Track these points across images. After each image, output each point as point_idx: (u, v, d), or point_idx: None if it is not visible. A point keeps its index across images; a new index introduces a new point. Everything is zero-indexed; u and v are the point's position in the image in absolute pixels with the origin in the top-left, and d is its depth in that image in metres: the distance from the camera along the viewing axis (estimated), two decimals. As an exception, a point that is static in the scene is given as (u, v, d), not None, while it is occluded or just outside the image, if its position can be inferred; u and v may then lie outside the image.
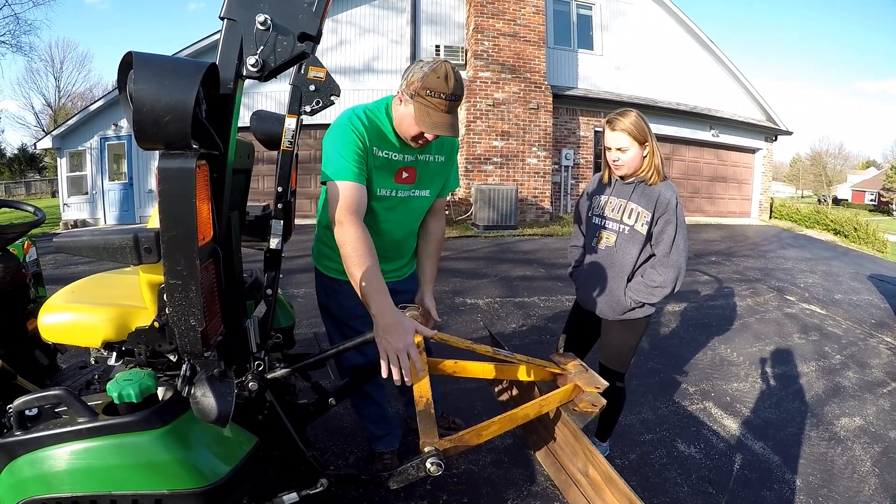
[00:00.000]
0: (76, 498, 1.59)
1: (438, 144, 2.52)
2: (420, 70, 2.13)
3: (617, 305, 2.84)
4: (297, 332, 2.84)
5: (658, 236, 2.71)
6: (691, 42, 16.50)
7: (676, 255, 2.69)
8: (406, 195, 2.50)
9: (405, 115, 2.21)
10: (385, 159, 2.35)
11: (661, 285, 2.71)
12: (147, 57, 1.28)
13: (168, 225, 1.32)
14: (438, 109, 2.11)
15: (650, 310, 2.87)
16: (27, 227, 2.70)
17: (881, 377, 4.97)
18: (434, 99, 2.09)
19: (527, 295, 6.91)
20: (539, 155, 13.50)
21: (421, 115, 2.13)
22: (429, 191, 2.58)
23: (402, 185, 2.46)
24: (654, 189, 2.71)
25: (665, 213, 2.66)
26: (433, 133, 2.17)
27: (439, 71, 2.08)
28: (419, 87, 2.10)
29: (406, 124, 2.23)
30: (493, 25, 12.93)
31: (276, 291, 2.20)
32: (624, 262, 2.80)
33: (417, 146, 2.34)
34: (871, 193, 60.22)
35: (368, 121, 2.30)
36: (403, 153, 2.39)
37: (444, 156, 2.57)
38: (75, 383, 2.53)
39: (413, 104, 2.15)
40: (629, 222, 2.76)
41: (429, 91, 2.08)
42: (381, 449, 3.05)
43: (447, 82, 2.08)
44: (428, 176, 2.54)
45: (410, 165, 2.44)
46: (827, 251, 13.09)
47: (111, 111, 14.69)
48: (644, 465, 3.29)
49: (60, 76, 42.69)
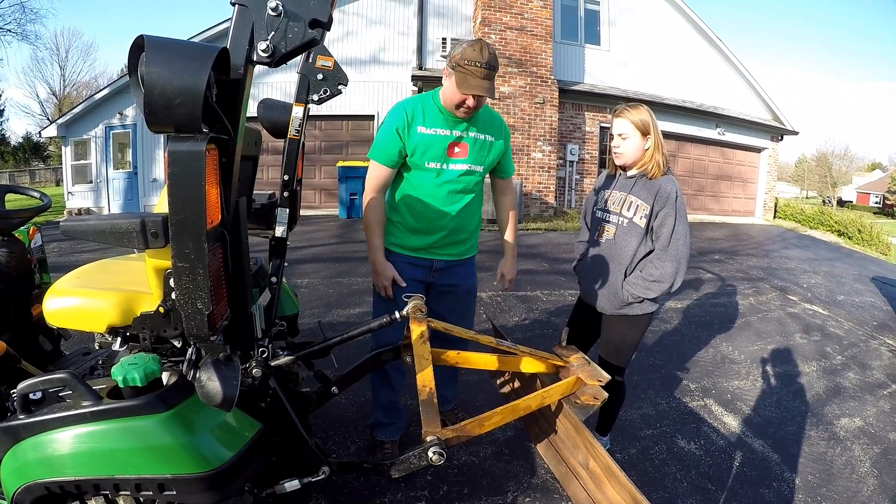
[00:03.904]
0: (79, 481, 1.60)
1: (487, 123, 2.87)
2: (459, 46, 2.54)
3: (615, 299, 2.84)
4: (301, 321, 2.85)
5: (658, 230, 2.71)
6: (698, 39, 16.41)
7: (676, 248, 2.68)
8: (458, 169, 2.80)
9: (448, 87, 2.62)
10: (432, 136, 2.70)
11: (659, 279, 2.70)
12: (159, 40, 1.28)
13: (177, 208, 1.32)
14: (476, 76, 2.49)
15: (651, 307, 2.85)
16: (33, 212, 2.70)
17: (882, 379, 4.96)
18: (471, 67, 2.47)
19: (530, 289, 6.93)
20: (544, 149, 13.46)
21: (461, 81, 2.50)
22: (482, 166, 2.88)
23: (454, 159, 2.78)
24: (655, 182, 2.72)
25: (665, 207, 2.67)
26: (472, 93, 2.51)
27: (475, 45, 2.50)
28: (459, 58, 2.50)
29: (450, 94, 2.62)
30: (500, 19, 12.86)
31: (280, 279, 2.21)
32: (622, 255, 2.81)
33: (463, 115, 2.67)
34: (876, 196, 60.03)
35: (415, 104, 2.74)
36: (451, 128, 2.74)
37: (493, 135, 2.89)
38: (79, 368, 2.54)
39: (455, 74, 2.53)
40: (628, 215, 2.78)
41: (467, 61, 2.47)
42: (381, 438, 3.11)
43: (482, 53, 2.48)
44: (479, 151, 2.84)
45: (461, 141, 2.77)
46: (830, 252, 13.05)
47: (116, 100, 14.67)
48: (644, 460, 3.30)
49: (66, 65, 42.61)
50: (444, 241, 2.87)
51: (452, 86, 2.57)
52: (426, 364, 2.05)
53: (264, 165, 12.32)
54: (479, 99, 2.61)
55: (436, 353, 2.26)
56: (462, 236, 2.93)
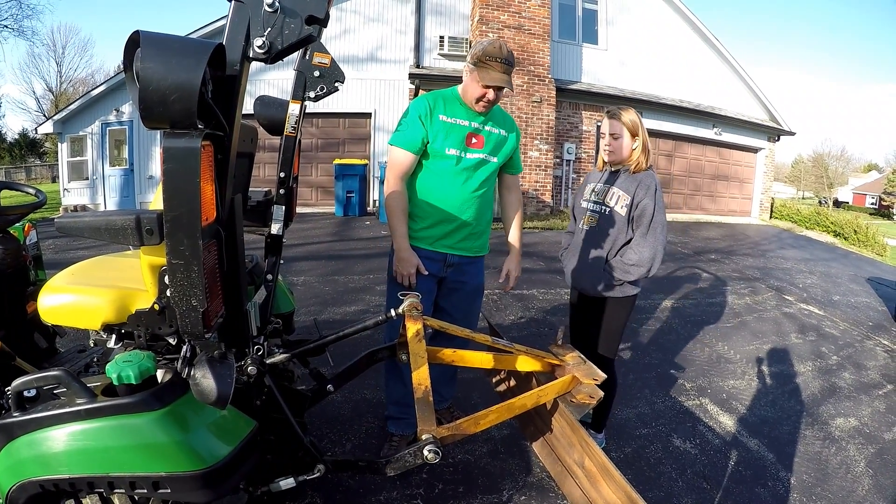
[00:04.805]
0: (74, 479, 1.59)
1: (501, 120, 3.02)
2: (480, 45, 2.73)
3: (596, 280, 3.05)
4: (297, 318, 2.86)
5: (638, 219, 2.96)
6: (696, 39, 16.43)
7: (653, 236, 2.93)
8: (475, 158, 2.91)
9: (469, 81, 2.79)
10: (452, 124, 2.85)
11: (637, 263, 2.94)
12: (154, 36, 1.28)
13: (172, 204, 1.32)
14: (496, 70, 2.68)
15: (633, 289, 3.07)
16: (28, 208, 2.70)
17: (877, 379, 4.98)
18: (491, 62, 2.67)
19: (526, 287, 6.92)
20: (541, 148, 13.46)
21: (482, 74, 2.69)
22: (496, 158, 3.00)
23: (471, 149, 2.91)
24: (637, 176, 3.01)
25: (645, 198, 2.93)
26: (493, 84, 2.70)
27: (495, 43, 2.71)
28: (480, 55, 2.69)
29: (471, 88, 2.79)
30: (497, 17, 12.84)
31: (276, 277, 2.21)
32: (604, 241, 3.05)
33: (482, 109, 2.83)
34: (872, 197, 60.08)
35: (437, 96, 2.90)
36: (470, 119, 2.88)
37: (507, 131, 3.03)
38: (74, 366, 2.53)
39: (476, 70, 2.71)
40: (610, 204, 3.03)
41: (487, 56, 2.67)
42: (391, 430, 3.17)
43: (501, 50, 2.69)
44: (494, 144, 2.97)
45: (478, 133, 2.91)
46: (826, 253, 13.08)
47: (113, 96, 14.62)
48: (639, 459, 3.31)
49: (62, 61, 42.29)
50: (461, 232, 2.96)
51: (474, 80, 2.75)
52: (422, 362, 2.04)
53: (261, 162, 12.31)
54: (497, 93, 2.78)
55: (431, 351, 2.26)
56: (478, 228, 3.03)
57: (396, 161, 2.84)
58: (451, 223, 2.92)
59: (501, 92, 2.78)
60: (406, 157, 2.82)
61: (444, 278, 3.04)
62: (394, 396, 3.13)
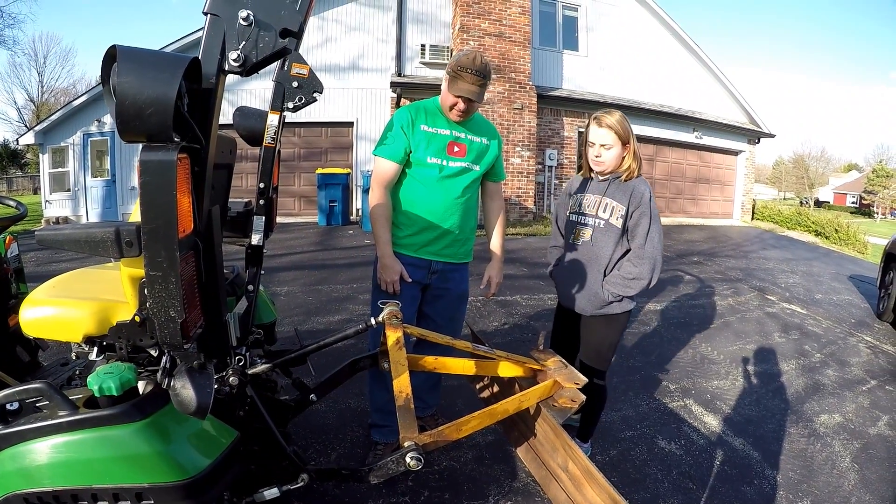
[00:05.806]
0: (57, 492, 1.59)
1: (483, 129, 3.08)
2: (456, 55, 2.76)
3: (595, 299, 2.91)
4: (280, 329, 2.85)
5: (633, 230, 2.82)
6: (675, 44, 16.61)
7: (651, 247, 2.80)
8: (457, 167, 2.95)
9: (444, 90, 2.84)
10: (434, 134, 2.90)
11: (637, 277, 2.80)
12: (130, 50, 1.29)
13: (149, 217, 1.33)
14: (466, 81, 2.71)
15: (629, 304, 2.94)
16: (9, 221, 2.68)
17: (861, 375, 5.05)
18: (463, 73, 2.70)
19: (509, 293, 6.94)
20: (523, 155, 13.52)
21: (453, 84, 2.74)
22: (479, 166, 3.04)
23: (454, 158, 2.94)
24: (629, 184, 2.84)
25: (639, 207, 2.79)
26: (460, 94, 2.73)
27: (469, 54, 2.72)
28: (455, 65, 2.73)
29: (444, 96, 2.86)
30: (478, 25, 12.91)
31: (257, 287, 2.21)
32: (600, 256, 2.90)
33: (455, 118, 2.88)
34: (853, 196, 60.93)
35: (419, 106, 2.96)
36: (451, 129, 2.93)
37: (488, 139, 3.08)
38: (57, 379, 2.51)
39: (448, 79, 2.76)
40: (604, 216, 2.87)
41: (460, 67, 2.70)
42: (376, 438, 3.17)
43: (474, 62, 2.70)
44: (476, 152, 3.01)
45: (459, 142, 2.95)
46: (808, 252, 13.24)
47: (94, 107, 14.52)
48: (625, 462, 3.33)
49: (44, 71, 41.82)
50: (445, 239, 2.97)
51: (447, 90, 2.79)
52: (402, 370, 2.05)
53: (243, 173, 12.28)
54: (470, 104, 2.81)
55: (413, 358, 2.27)
56: (462, 236, 3.04)
57: (380, 171, 2.89)
58: (435, 230, 2.94)
59: (473, 103, 2.82)
60: (390, 167, 2.87)
61: (429, 285, 3.06)
62: (377, 404, 3.14)
